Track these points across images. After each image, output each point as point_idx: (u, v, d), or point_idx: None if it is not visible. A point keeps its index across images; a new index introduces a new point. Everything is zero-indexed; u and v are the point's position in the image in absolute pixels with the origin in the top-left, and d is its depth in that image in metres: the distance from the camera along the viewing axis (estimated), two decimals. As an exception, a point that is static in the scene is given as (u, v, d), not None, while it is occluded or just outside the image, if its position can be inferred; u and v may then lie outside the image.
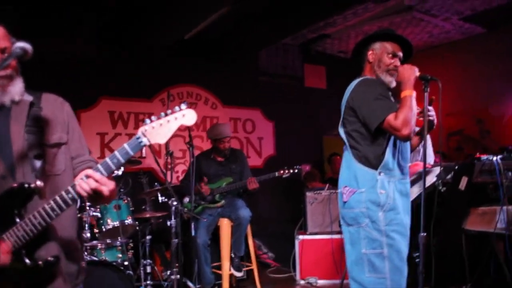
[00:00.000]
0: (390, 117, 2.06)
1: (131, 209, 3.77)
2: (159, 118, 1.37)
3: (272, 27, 5.03)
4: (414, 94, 2.10)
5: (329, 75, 7.03)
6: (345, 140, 2.29)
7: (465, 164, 3.24)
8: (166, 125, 1.37)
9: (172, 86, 5.43)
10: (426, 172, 3.00)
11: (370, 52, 2.33)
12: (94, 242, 3.55)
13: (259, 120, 6.28)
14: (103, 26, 4.90)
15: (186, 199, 4.40)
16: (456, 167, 3.08)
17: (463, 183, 3.13)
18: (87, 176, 1.39)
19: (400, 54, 2.31)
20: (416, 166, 3.13)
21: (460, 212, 3.38)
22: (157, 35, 4.87)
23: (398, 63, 2.28)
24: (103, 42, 4.94)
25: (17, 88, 1.52)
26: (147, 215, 3.89)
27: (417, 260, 2.99)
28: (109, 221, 3.56)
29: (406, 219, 2.23)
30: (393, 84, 2.28)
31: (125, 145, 1.38)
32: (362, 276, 2.14)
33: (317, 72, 6.91)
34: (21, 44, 1.37)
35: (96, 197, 1.43)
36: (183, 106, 1.39)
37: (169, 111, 1.39)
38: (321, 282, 4.67)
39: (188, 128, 3.89)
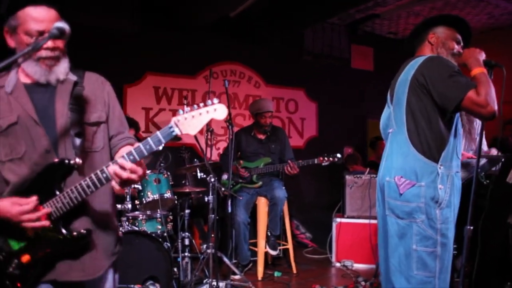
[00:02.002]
0: (471, 94, 1.90)
1: (170, 183, 3.87)
2: (192, 109, 1.43)
3: (318, 6, 4.90)
4: (485, 71, 1.99)
5: (376, 56, 6.80)
6: (403, 122, 2.09)
7: (515, 156, 3.06)
8: (197, 117, 1.42)
9: (216, 63, 5.48)
10: (468, 163, 2.88)
11: (431, 35, 2.21)
12: (136, 212, 3.69)
13: (302, 100, 6.22)
14: (150, 3, 4.98)
15: (225, 176, 4.47)
16: (503, 159, 2.92)
17: (511, 176, 2.97)
18: (119, 165, 1.45)
19: (461, 44, 2.22)
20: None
21: (506, 206, 3.22)
22: (202, 12, 4.89)
23: (461, 51, 2.19)
24: (149, 17, 5.02)
25: (62, 68, 1.59)
26: (187, 190, 3.99)
27: (454, 252, 2.91)
28: (149, 193, 3.68)
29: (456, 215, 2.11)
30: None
31: (158, 133, 1.44)
32: (410, 273, 2.03)
33: (364, 53, 6.71)
34: (58, 24, 1.42)
35: (125, 183, 1.51)
36: (215, 100, 1.44)
37: (201, 104, 1.44)
38: (356, 265, 4.65)
39: (229, 107, 3.92)
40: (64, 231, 1.52)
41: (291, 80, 6.09)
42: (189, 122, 1.42)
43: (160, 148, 1.47)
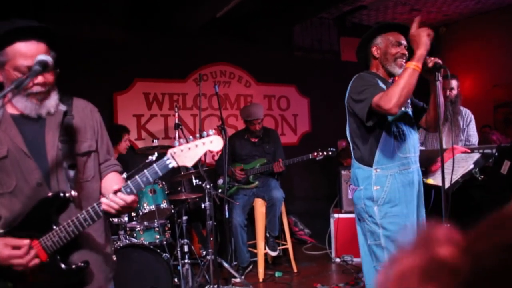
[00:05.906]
0: (374, 99, 2.08)
1: (166, 192, 3.86)
2: (188, 141, 1.47)
3: (306, 3, 4.86)
4: (413, 66, 2.02)
5: (366, 47, 6.75)
6: (349, 140, 2.41)
7: (508, 147, 3.07)
8: (194, 149, 1.46)
9: (205, 65, 5.43)
10: (463, 158, 2.87)
11: (374, 49, 2.34)
12: (134, 223, 3.69)
13: (294, 96, 6.19)
14: (135, 8, 4.92)
15: (220, 181, 4.46)
16: (496, 153, 2.92)
17: (505, 167, 2.98)
18: (115, 193, 1.49)
19: (404, 42, 2.30)
20: (454, 150, 2.99)
21: (502, 197, 3.23)
22: (189, 14, 4.84)
23: (405, 51, 2.29)
24: (135, 24, 4.96)
25: (52, 101, 1.58)
26: (183, 197, 3.97)
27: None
28: (145, 205, 3.66)
29: (410, 209, 2.28)
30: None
31: (155, 165, 1.48)
32: (372, 265, 2.34)
33: (354, 45, 6.56)
34: (39, 58, 1.40)
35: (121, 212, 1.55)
36: (211, 131, 1.48)
37: (197, 135, 1.48)
38: (356, 260, 4.67)
39: (220, 111, 3.90)
40: (62, 265, 1.52)
41: (282, 77, 6.05)
42: (186, 154, 1.46)
43: (154, 157, 1.51)
